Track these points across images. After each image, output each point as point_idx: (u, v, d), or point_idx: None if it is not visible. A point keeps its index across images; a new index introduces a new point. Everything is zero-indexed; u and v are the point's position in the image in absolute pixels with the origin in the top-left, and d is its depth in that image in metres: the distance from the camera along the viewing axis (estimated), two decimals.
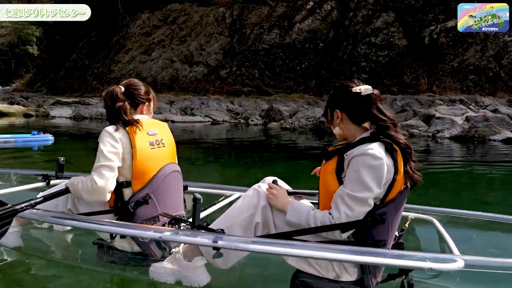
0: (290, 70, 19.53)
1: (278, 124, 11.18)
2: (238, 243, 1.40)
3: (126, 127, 1.79)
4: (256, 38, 20.47)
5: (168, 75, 20.64)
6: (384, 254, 1.32)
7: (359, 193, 1.38)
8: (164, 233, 1.51)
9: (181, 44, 21.14)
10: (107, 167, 1.69)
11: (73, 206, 1.89)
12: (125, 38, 23.17)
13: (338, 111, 1.55)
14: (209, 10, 21.59)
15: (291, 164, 5.72)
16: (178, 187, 1.97)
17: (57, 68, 25.93)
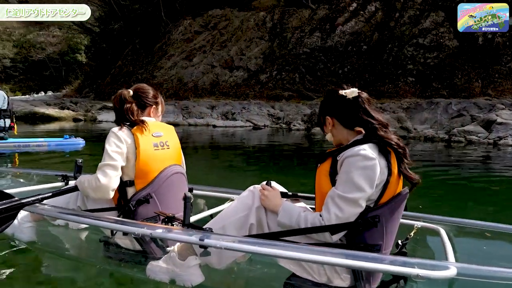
0: (332, 74, 19.15)
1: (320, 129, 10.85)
2: (224, 242, 1.41)
3: (131, 128, 1.87)
4: (297, 42, 20.28)
5: (208, 80, 20.94)
6: (367, 257, 1.26)
7: (350, 193, 1.37)
8: (156, 230, 1.54)
9: (221, 49, 21.41)
10: (110, 166, 1.78)
11: (82, 203, 1.99)
12: (168, 45, 23.86)
13: (328, 117, 1.56)
14: (249, 14, 21.72)
15: None
16: (182, 188, 2.02)
17: (103, 74, 27.20)
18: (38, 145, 6.22)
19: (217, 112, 15.45)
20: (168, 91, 21.53)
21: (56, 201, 1.99)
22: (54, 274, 1.88)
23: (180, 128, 14.37)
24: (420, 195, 3.83)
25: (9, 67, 42.78)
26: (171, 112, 15.65)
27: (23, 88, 41.63)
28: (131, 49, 26.25)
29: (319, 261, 1.32)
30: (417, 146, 8.90)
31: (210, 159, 7.11)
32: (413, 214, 1.96)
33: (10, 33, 44.50)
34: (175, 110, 15.76)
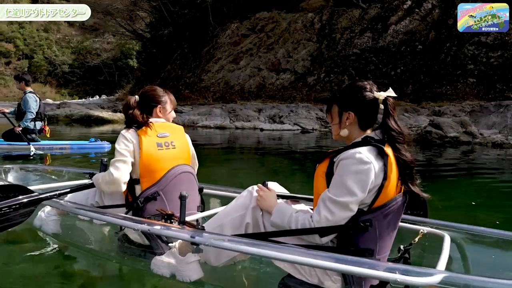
0: (384, 75, 18.44)
1: None
2: (214, 240, 1.49)
3: (137, 129, 2.04)
4: (346, 43, 19.74)
5: (255, 83, 20.96)
6: (346, 260, 1.28)
7: (341, 197, 1.38)
8: (153, 226, 1.68)
9: (268, 52, 21.37)
10: (121, 161, 1.96)
11: (99, 199, 2.17)
12: (215, 48, 24.27)
13: (352, 113, 1.52)
14: (297, 16, 21.53)
15: None
16: (190, 187, 2.12)
17: (153, 78, 28.18)
18: (61, 148, 6.42)
19: (264, 115, 15.35)
20: (215, 94, 21.83)
21: (76, 197, 2.21)
22: (73, 264, 2.09)
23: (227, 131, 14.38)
24: (489, 206, 3.53)
25: (68, 72, 45.81)
26: (218, 115, 15.79)
27: (80, 92, 44.37)
28: (179, 53, 27.05)
29: (298, 262, 1.35)
30: (484, 153, 8.21)
31: (255, 162, 7.10)
32: (421, 220, 1.94)
33: (69, 40, 47.68)
34: (222, 113, 15.88)
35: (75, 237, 2.37)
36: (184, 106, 19.55)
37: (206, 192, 2.51)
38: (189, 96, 22.56)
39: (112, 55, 46.71)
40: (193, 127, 15.63)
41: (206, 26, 25.27)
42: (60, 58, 45.64)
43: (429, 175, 5.49)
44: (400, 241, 1.72)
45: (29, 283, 1.83)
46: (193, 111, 17.41)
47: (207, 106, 18.61)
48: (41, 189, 2.35)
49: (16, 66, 43.04)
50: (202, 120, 15.64)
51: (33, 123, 6.10)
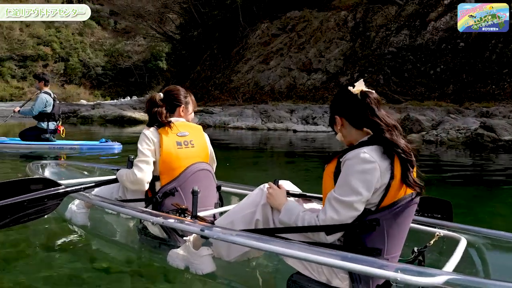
0: (422, 75, 17.57)
1: (419, 136, 9.64)
2: (222, 234, 1.59)
3: (158, 128, 2.13)
4: (382, 41, 18.97)
5: (285, 83, 20.54)
6: (346, 257, 1.30)
7: (346, 197, 1.41)
8: (168, 220, 1.78)
9: (299, 51, 20.91)
10: (144, 161, 2.08)
11: (123, 193, 2.29)
12: (245, 49, 24.08)
13: (337, 116, 1.59)
14: (329, 14, 20.95)
15: (441, 188, 4.67)
16: (208, 184, 2.22)
17: (183, 79, 28.32)
18: (71, 148, 6.49)
19: (297, 116, 14.90)
20: (244, 95, 21.58)
21: (103, 191, 2.36)
22: (97, 254, 2.23)
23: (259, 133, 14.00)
24: None
25: (101, 74, 47.13)
26: (249, 116, 15.47)
27: (111, 94, 45.55)
28: (209, 54, 27.08)
29: (301, 257, 1.40)
30: None
31: (285, 164, 6.99)
32: (439, 222, 1.93)
33: (102, 43, 49.03)
34: (254, 114, 15.57)
35: (100, 229, 2.53)
36: (214, 107, 19.40)
37: (226, 190, 2.60)
38: (219, 96, 22.44)
39: (143, 57, 47.70)
40: (224, 128, 15.38)
41: (236, 27, 25.13)
42: (94, 61, 47.06)
43: (480, 182, 5.19)
44: (415, 243, 1.73)
45: (57, 270, 2.00)
46: (224, 112, 17.16)
47: (237, 107, 18.34)
48: (71, 183, 2.52)
49: (53, 69, 44.73)
50: (233, 121, 15.39)
51: (46, 123, 6.24)
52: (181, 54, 32.10)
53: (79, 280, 1.87)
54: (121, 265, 2.07)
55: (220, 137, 12.08)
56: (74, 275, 1.92)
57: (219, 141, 10.62)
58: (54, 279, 1.88)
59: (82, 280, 1.87)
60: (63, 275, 1.92)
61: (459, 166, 6.74)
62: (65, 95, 41.99)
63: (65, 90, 43.65)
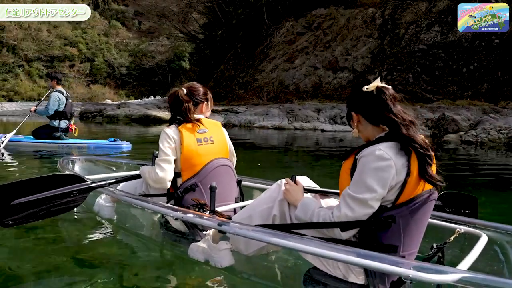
0: (454, 73, 16.95)
1: (457, 137, 9.25)
2: (238, 229, 1.65)
3: (179, 126, 2.20)
4: (411, 38, 18.44)
5: (310, 82, 20.28)
6: (359, 253, 1.32)
7: (360, 194, 1.42)
8: (187, 214, 1.86)
9: (325, 50, 20.61)
10: (165, 160, 2.17)
11: (146, 188, 2.40)
12: (269, 47, 23.93)
13: (353, 113, 1.60)
14: (356, 12, 20.54)
15: (486, 191, 4.53)
16: (228, 179, 2.28)
17: (206, 79, 28.37)
18: (78, 147, 6.51)
19: (324, 115, 14.64)
20: (269, 94, 21.43)
21: (127, 186, 2.47)
22: (122, 246, 2.35)
23: (286, 132, 13.81)
24: None
25: (125, 74, 47.97)
26: (275, 115, 15.31)
27: (135, 93, 46.35)
28: (233, 53, 27.08)
29: (313, 253, 1.43)
30: None
31: (311, 163, 6.96)
32: (460, 218, 1.90)
33: (126, 44, 49.80)
34: (280, 113, 15.39)
35: (126, 222, 2.66)
36: (238, 106, 19.33)
37: (247, 185, 2.67)
38: (243, 96, 22.39)
39: (166, 57, 48.33)
40: (250, 128, 15.25)
41: (260, 25, 25.02)
42: (118, 61, 48.00)
43: None
44: (436, 239, 1.72)
45: (84, 259, 2.14)
46: (249, 111, 17.04)
47: (263, 106, 18.24)
48: (97, 178, 2.65)
49: (79, 69, 45.90)
50: (259, 120, 15.27)
51: (58, 121, 6.32)
52: (205, 54, 32.27)
53: (104, 268, 2.01)
54: (144, 256, 2.20)
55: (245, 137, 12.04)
56: (100, 264, 2.07)
57: (244, 141, 10.64)
58: (80, 267, 2.03)
59: (107, 268, 2.01)
60: (89, 265, 2.07)
61: (500, 168, 6.40)
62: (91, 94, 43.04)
63: (91, 90, 44.72)
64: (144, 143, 9.41)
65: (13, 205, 1.95)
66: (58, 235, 2.52)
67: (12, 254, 2.18)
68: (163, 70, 47.51)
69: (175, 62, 47.06)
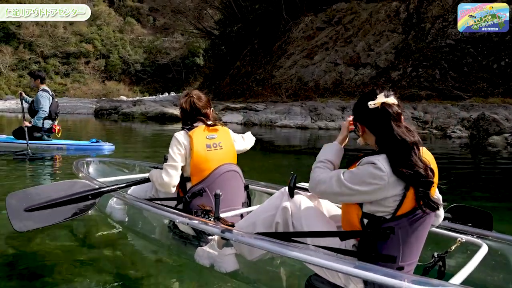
0: (484, 69, 16.19)
1: (502, 139, 8.56)
2: (240, 237, 1.71)
3: (189, 131, 2.27)
4: (438, 33, 17.66)
5: (331, 79, 19.66)
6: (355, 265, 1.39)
7: (350, 183, 1.49)
8: (192, 221, 1.94)
9: (346, 45, 19.95)
10: (172, 166, 2.23)
11: (155, 192, 2.51)
12: (287, 43, 23.41)
13: (359, 124, 1.64)
14: (379, 6, 19.86)
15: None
16: (235, 184, 2.34)
17: (222, 75, 27.88)
18: (58, 148, 6.30)
19: (349, 114, 13.87)
20: (287, 91, 20.89)
21: (138, 189, 2.58)
22: (132, 248, 2.47)
23: (309, 132, 13.20)
24: None
25: (140, 70, 48.01)
26: (298, 113, 14.78)
27: (150, 89, 46.36)
28: (249, 49, 26.67)
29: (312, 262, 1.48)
30: None
31: None
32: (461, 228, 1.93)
33: (141, 40, 49.70)
34: (303, 111, 14.86)
35: (136, 225, 2.71)
36: (256, 103, 18.82)
37: (256, 189, 2.73)
38: (261, 92, 21.91)
39: (180, 53, 48.22)
40: (271, 127, 14.70)
41: (278, 21, 24.48)
42: (133, 57, 48.04)
43: None
44: (437, 248, 1.76)
45: (96, 259, 2.23)
46: (269, 109, 16.51)
47: (284, 104, 17.81)
48: (108, 181, 2.79)
49: (94, 65, 46.08)
50: (280, 119, 14.77)
51: (41, 121, 6.09)
52: (220, 50, 31.83)
53: (112, 269, 2.10)
54: (152, 259, 2.29)
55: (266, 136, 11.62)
56: (109, 265, 2.16)
57: (266, 140, 10.43)
58: (89, 268, 2.12)
59: (115, 269, 2.10)
60: (98, 265, 2.15)
61: None
62: (106, 91, 43.13)
63: (106, 86, 44.85)
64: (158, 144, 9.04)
65: (28, 210, 2.09)
66: (70, 235, 2.63)
67: (25, 253, 2.31)
68: (177, 66, 47.39)
69: (189, 59, 46.86)
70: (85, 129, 13.82)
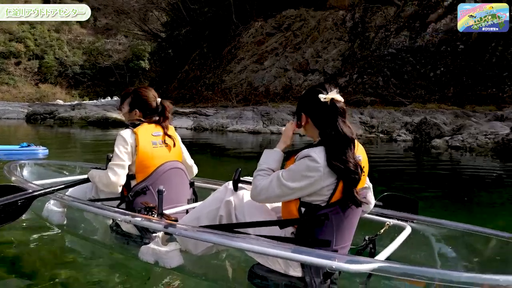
0: (422, 77, 17.32)
1: (443, 142, 9.09)
2: (184, 231, 1.75)
3: (134, 128, 2.26)
4: (381, 42, 18.63)
5: (281, 84, 19.94)
6: (290, 249, 1.49)
7: (288, 181, 1.58)
8: (135, 218, 1.94)
9: (295, 51, 20.36)
10: (119, 165, 2.19)
11: (96, 193, 2.45)
12: (237, 48, 23.38)
13: (304, 114, 1.70)
14: (327, 14, 20.53)
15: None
16: (180, 181, 2.35)
17: (169, 79, 27.15)
18: None
19: None
20: (237, 95, 20.82)
21: (77, 191, 2.51)
22: (72, 251, 2.38)
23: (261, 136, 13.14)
24: None
25: (79, 73, 45.29)
26: (249, 118, 14.72)
27: (90, 94, 44.10)
28: (198, 53, 26.31)
29: (252, 250, 1.59)
30: None
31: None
32: (390, 213, 2.11)
33: (80, 41, 47.18)
34: (254, 116, 14.83)
35: (76, 227, 2.63)
36: (206, 108, 18.45)
37: (202, 186, 2.74)
38: (211, 97, 21.64)
39: (124, 56, 46.26)
40: (222, 132, 14.43)
41: (227, 25, 24.35)
42: (71, 59, 45.28)
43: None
44: (369, 232, 1.94)
45: (31, 267, 2.17)
46: (220, 114, 16.26)
47: (235, 108, 17.60)
48: (45, 184, 2.67)
49: (26, 67, 42.56)
50: (232, 123, 14.60)
51: None
52: (167, 53, 30.96)
53: (53, 276, 2.00)
54: (95, 261, 2.23)
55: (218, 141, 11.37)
56: (48, 271, 2.07)
57: (217, 145, 10.26)
58: (27, 275, 2.04)
59: (56, 276, 2.00)
60: (36, 272, 2.07)
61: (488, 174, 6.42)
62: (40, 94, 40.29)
63: (39, 89, 41.90)
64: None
65: None
66: (3, 244, 2.46)
67: None
68: (120, 69, 45.53)
69: (134, 62, 45.23)
70: (15, 135, 12.65)
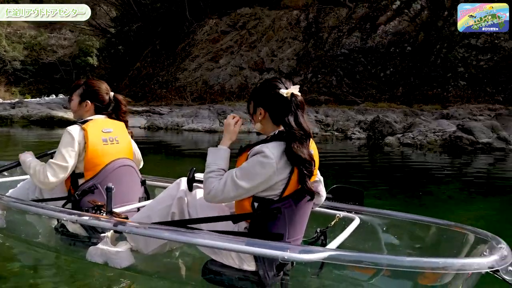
0: (373, 77, 17.95)
1: (395, 139, 9.39)
2: (135, 228, 1.70)
3: (82, 124, 2.15)
4: (334, 42, 19.07)
5: (236, 82, 19.78)
6: (243, 242, 1.49)
7: (241, 180, 1.57)
8: (82, 217, 1.85)
9: (250, 50, 20.29)
10: (62, 167, 2.05)
11: (39, 193, 2.31)
12: (192, 45, 22.94)
13: (261, 109, 1.69)
14: (281, 13, 20.65)
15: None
16: (130, 179, 2.27)
17: (120, 77, 26.01)
18: None
19: None
20: (192, 94, 20.42)
21: (17, 192, 2.38)
22: (14, 257, 2.26)
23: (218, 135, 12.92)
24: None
25: (19, 69, 42.07)
26: (205, 117, 14.41)
27: (32, 91, 41.26)
28: (150, 50, 25.50)
29: (206, 245, 1.61)
30: None
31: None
32: (339, 206, 2.20)
33: (21, 35, 44.11)
34: (211, 115, 14.51)
35: (18, 230, 2.50)
36: (160, 107, 17.84)
37: (154, 184, 2.68)
38: (164, 95, 21.04)
39: (70, 52, 43.74)
40: (178, 131, 14.01)
41: (181, 22, 23.76)
42: (11, 54, 42.08)
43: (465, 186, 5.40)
44: (320, 224, 2.01)
45: None
46: (175, 112, 15.78)
47: (190, 107, 17.17)
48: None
49: None
50: (187, 122, 14.19)
51: None
52: (117, 50, 29.65)
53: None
54: (39, 265, 2.15)
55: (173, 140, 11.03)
56: None
57: (172, 145, 9.95)
58: None
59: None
60: None
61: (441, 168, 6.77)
62: None
63: None
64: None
65: None
66: None
67: None
68: (66, 66, 43.05)
69: (81, 58, 42.95)
70: None
